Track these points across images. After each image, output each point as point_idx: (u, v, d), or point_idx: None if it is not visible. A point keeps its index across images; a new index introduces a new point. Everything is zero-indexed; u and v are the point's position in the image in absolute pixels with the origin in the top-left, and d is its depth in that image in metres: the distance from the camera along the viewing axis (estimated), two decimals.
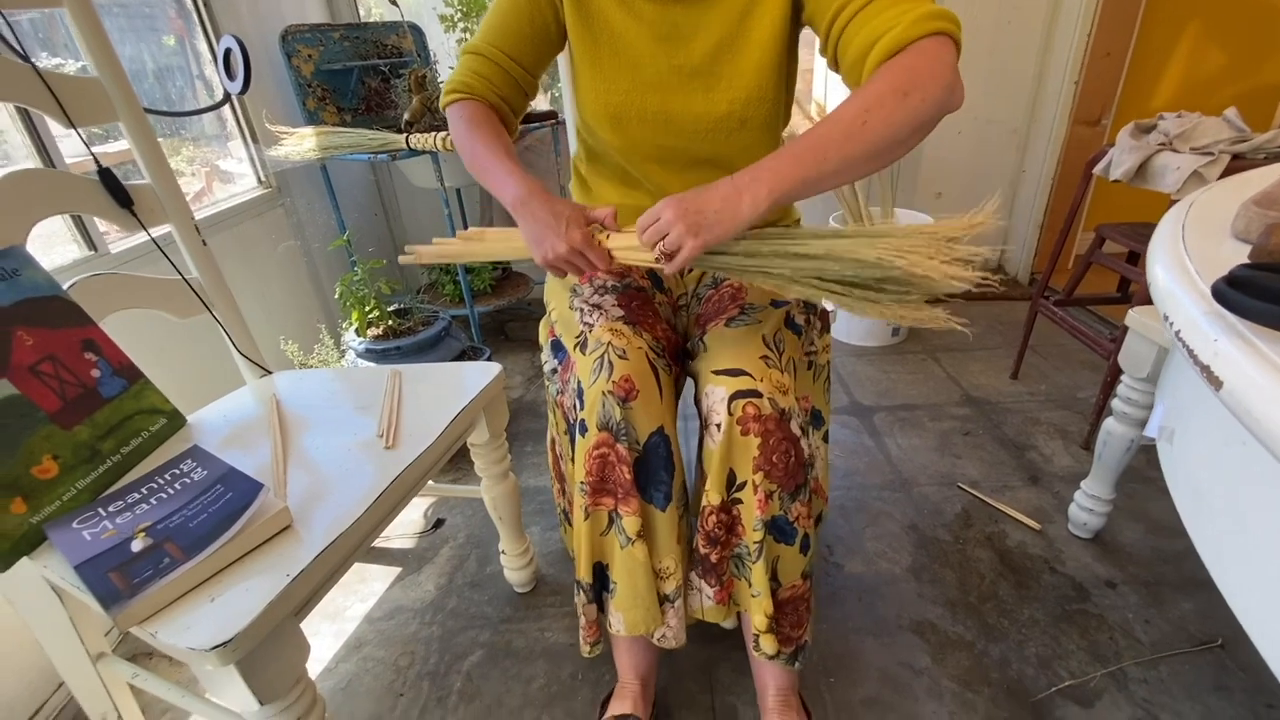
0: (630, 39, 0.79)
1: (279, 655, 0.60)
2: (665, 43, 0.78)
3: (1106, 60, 2.13)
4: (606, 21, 0.79)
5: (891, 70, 0.63)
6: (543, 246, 0.72)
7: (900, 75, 0.62)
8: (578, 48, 0.82)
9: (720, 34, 0.77)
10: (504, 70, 0.83)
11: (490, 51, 0.82)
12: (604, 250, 0.72)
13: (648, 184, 0.88)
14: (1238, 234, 0.59)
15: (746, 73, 0.77)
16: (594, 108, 0.83)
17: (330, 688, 1.01)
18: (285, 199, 1.76)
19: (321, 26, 1.78)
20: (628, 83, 0.80)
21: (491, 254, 0.85)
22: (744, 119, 0.79)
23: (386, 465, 0.76)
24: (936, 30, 0.63)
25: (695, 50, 0.78)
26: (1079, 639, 1.02)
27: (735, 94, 0.78)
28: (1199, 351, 0.44)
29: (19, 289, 0.72)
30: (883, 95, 0.62)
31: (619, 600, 0.77)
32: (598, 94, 0.82)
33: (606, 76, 0.81)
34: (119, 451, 0.76)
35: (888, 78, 0.62)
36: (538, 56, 0.84)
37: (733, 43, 0.77)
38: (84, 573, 0.58)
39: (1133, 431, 1.08)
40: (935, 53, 0.62)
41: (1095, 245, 1.48)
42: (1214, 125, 1.29)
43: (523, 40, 0.82)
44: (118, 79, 0.84)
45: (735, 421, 0.71)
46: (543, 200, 0.73)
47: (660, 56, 0.79)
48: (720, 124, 0.80)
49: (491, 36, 0.82)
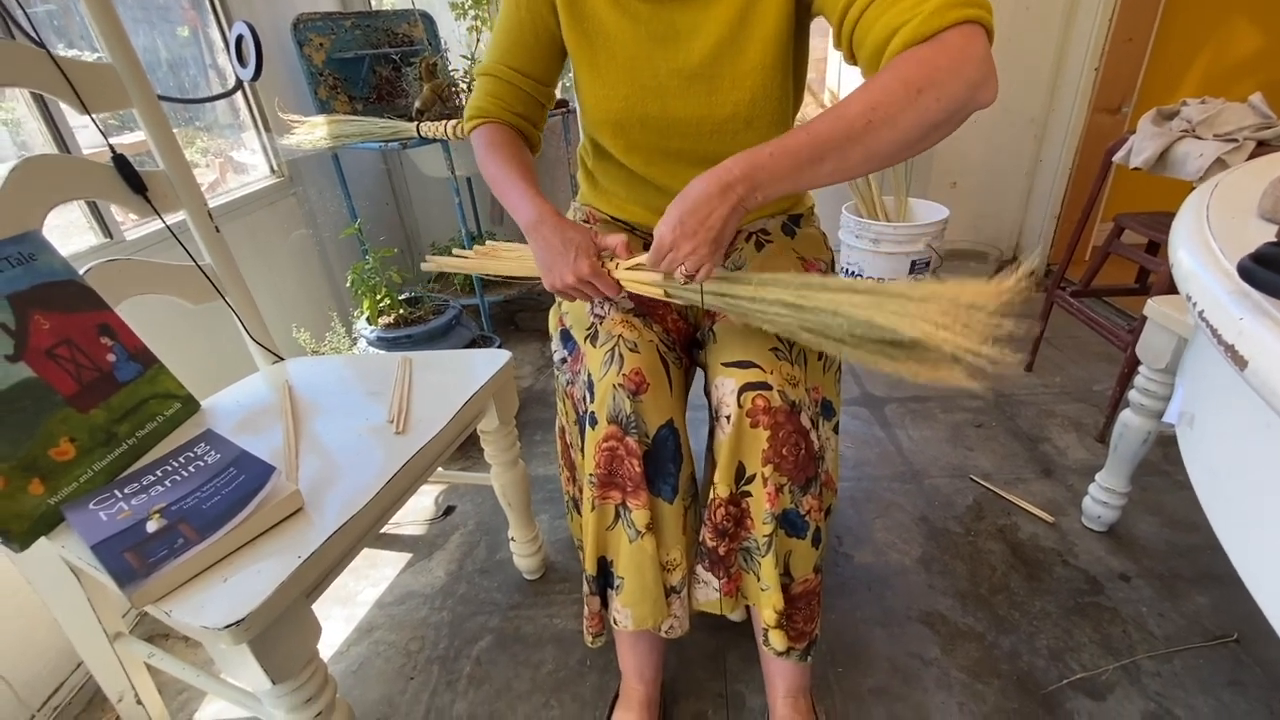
0: (625, 41, 0.77)
1: (291, 635, 0.60)
2: (662, 44, 0.76)
3: (1128, 46, 2.08)
4: (600, 23, 0.77)
5: (906, 63, 0.56)
6: (551, 274, 0.73)
7: (914, 69, 0.56)
8: (575, 54, 0.81)
9: (719, 34, 0.74)
10: (515, 87, 0.84)
11: (500, 70, 0.83)
12: (612, 280, 0.72)
13: (653, 182, 0.87)
14: (1264, 214, 0.58)
15: (749, 73, 0.75)
16: (595, 115, 0.82)
17: (342, 670, 1.02)
18: (297, 188, 1.77)
19: (333, 15, 1.78)
20: (626, 88, 0.78)
21: (506, 270, 0.88)
22: (749, 119, 0.78)
23: (397, 450, 0.76)
24: (962, 19, 0.55)
25: (694, 51, 0.75)
26: (1091, 632, 1.01)
27: (739, 95, 0.76)
28: (1223, 331, 0.43)
29: (36, 274, 0.72)
30: (892, 91, 0.56)
31: (626, 596, 0.77)
32: (598, 100, 0.81)
33: (605, 82, 0.79)
34: (134, 435, 0.76)
35: (901, 71, 0.56)
36: (547, 66, 0.85)
37: (733, 42, 0.74)
38: (100, 552, 0.59)
39: (1150, 423, 1.07)
40: (960, 46, 0.55)
41: (1114, 235, 1.45)
42: (1238, 111, 1.26)
43: (529, 54, 0.82)
44: (131, 65, 0.84)
45: (745, 414, 0.70)
46: (554, 226, 0.73)
47: (658, 59, 0.77)
48: (724, 125, 0.78)
49: (499, 55, 0.83)
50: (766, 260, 0.87)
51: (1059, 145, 2.18)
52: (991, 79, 0.57)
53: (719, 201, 0.60)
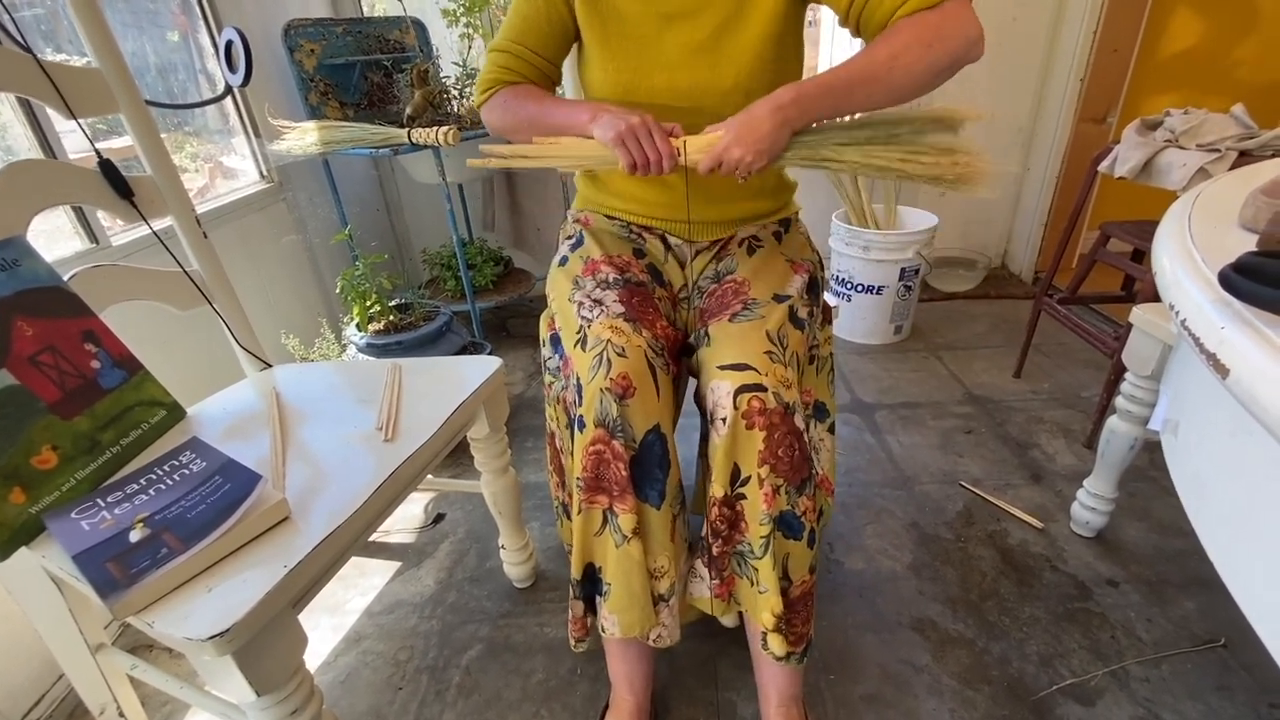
0: (637, 20, 0.83)
1: (276, 646, 0.59)
2: (672, 22, 0.83)
3: (1113, 57, 2.12)
4: (614, 6, 0.84)
5: (917, 23, 0.72)
6: (617, 124, 0.76)
7: (926, 29, 0.71)
8: (587, 33, 0.86)
9: (724, 12, 0.81)
10: (529, 63, 0.89)
11: (514, 48, 0.88)
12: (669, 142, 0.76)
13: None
14: (1245, 223, 0.59)
15: (750, 44, 0.81)
16: (603, 87, 0.87)
17: (329, 681, 1.01)
18: (287, 193, 1.76)
19: (324, 21, 1.77)
20: (636, 61, 0.84)
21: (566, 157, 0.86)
22: (749, 90, 0.82)
23: (386, 458, 0.75)
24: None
25: (701, 27, 0.82)
26: (1080, 637, 1.01)
27: (740, 66, 0.82)
28: (1205, 339, 0.43)
29: (19, 279, 0.72)
30: (910, 44, 0.71)
31: (613, 602, 0.77)
32: (607, 73, 0.86)
33: (615, 56, 0.85)
34: (119, 443, 0.75)
35: (915, 29, 0.71)
36: (558, 47, 0.90)
37: (736, 18, 0.81)
38: (82, 562, 0.58)
39: (1136, 430, 1.08)
40: (958, 11, 0.71)
41: (1099, 243, 1.47)
42: (1221, 122, 1.28)
43: (542, 34, 0.88)
44: (118, 69, 0.84)
45: (740, 415, 0.71)
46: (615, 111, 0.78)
47: (667, 35, 0.83)
48: (727, 97, 0.83)
49: (513, 34, 0.88)
50: (758, 263, 0.90)
51: (1046, 154, 2.21)
52: (982, 38, 0.73)
53: (769, 119, 0.73)
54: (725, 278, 0.90)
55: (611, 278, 0.87)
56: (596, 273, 0.89)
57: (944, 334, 2.06)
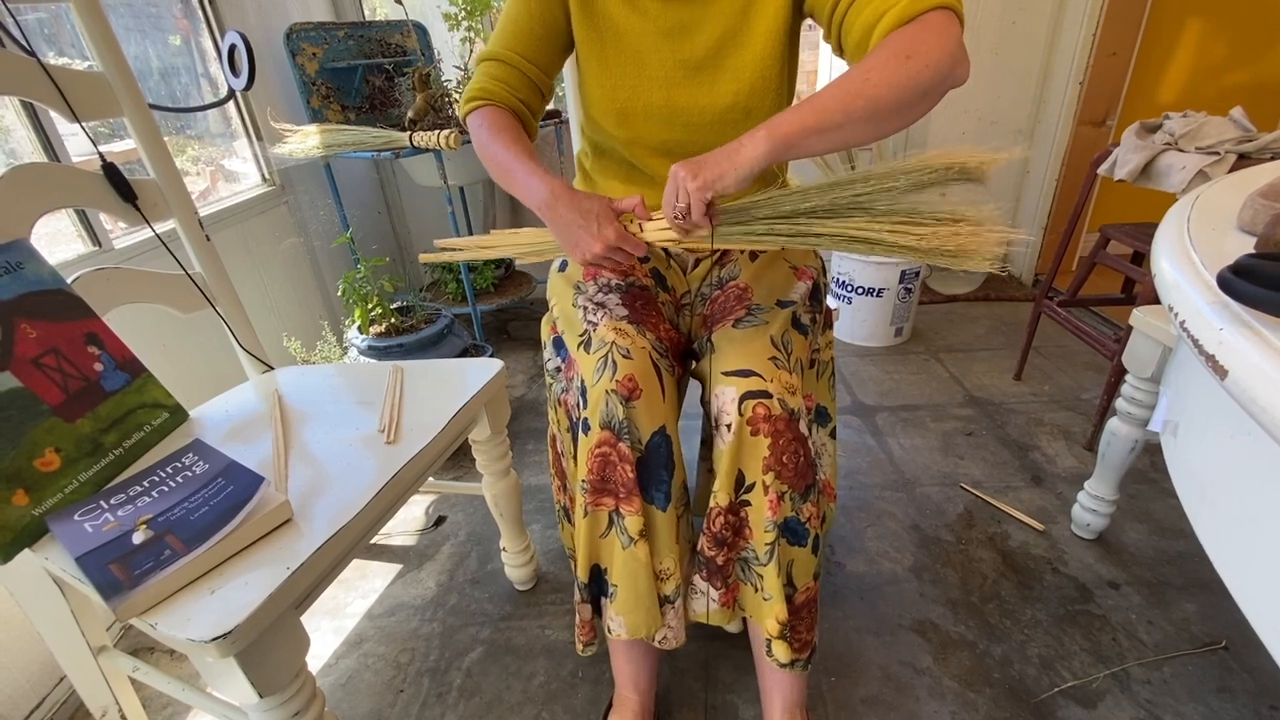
0: (634, 36, 0.80)
1: (279, 648, 0.60)
2: (670, 38, 0.80)
3: (1112, 60, 2.12)
4: (611, 20, 0.81)
5: (894, 38, 0.64)
6: (579, 248, 0.73)
7: (902, 41, 0.63)
8: (583, 47, 0.83)
9: (724, 27, 0.78)
10: (520, 73, 0.84)
11: (506, 55, 0.83)
12: (639, 240, 0.73)
13: (654, 177, 0.88)
14: (1244, 226, 0.59)
15: (750, 64, 0.79)
16: (600, 104, 0.84)
17: (331, 683, 1.01)
18: (289, 196, 1.77)
19: (326, 25, 1.78)
20: (633, 79, 0.81)
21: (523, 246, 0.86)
22: (748, 109, 0.80)
23: (387, 460, 0.76)
24: (938, 4, 0.64)
25: (699, 44, 0.79)
26: (1082, 640, 1.01)
27: (739, 85, 0.80)
28: (1204, 341, 0.43)
29: (23, 282, 0.72)
30: (885, 59, 0.63)
31: (619, 604, 0.77)
32: (604, 90, 0.83)
33: (612, 73, 0.82)
34: (121, 445, 0.76)
35: (890, 44, 0.64)
36: (551, 56, 0.86)
37: (736, 35, 0.78)
38: (85, 564, 0.58)
39: (1137, 432, 1.08)
40: (938, 24, 0.63)
41: (1099, 246, 1.47)
42: (1220, 125, 1.29)
43: (536, 42, 0.83)
44: (122, 73, 0.84)
45: (745, 422, 0.71)
46: (569, 201, 0.73)
47: (665, 52, 0.80)
48: (724, 115, 0.81)
49: (506, 41, 0.83)
50: (760, 269, 0.89)
51: (1045, 157, 2.21)
52: (966, 57, 0.64)
53: (731, 144, 0.64)
54: (728, 284, 0.90)
55: (614, 282, 0.87)
56: (598, 277, 0.89)
57: (944, 336, 2.06)
